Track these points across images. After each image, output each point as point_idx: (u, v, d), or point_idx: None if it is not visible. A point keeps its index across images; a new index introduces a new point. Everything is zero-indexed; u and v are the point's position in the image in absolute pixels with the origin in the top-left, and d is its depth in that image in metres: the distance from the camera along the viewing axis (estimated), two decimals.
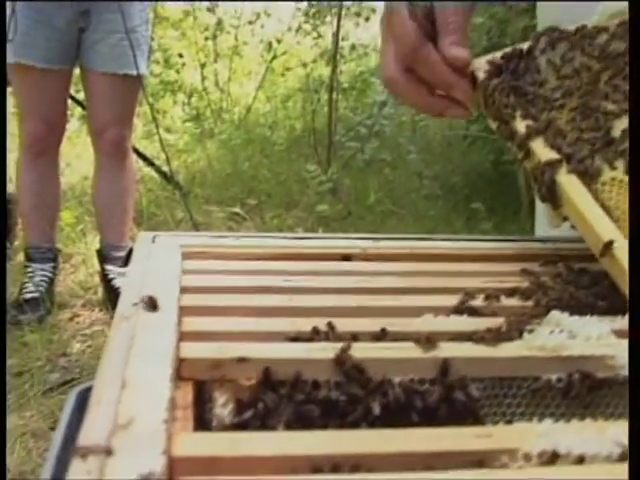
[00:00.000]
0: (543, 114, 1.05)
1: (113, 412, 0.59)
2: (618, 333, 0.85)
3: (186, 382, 0.71)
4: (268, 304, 0.87)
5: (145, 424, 0.57)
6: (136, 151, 4.56)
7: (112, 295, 3.61)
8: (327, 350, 0.75)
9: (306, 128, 7.02)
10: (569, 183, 0.99)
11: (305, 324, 0.82)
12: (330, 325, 0.82)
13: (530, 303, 0.93)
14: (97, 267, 4.13)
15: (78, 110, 6.19)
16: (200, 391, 0.73)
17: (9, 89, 3.61)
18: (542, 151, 1.02)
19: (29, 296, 3.68)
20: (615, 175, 0.98)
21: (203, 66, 8.27)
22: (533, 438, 0.62)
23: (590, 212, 0.96)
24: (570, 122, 1.04)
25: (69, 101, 3.90)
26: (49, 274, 3.77)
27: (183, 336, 0.77)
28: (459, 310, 0.89)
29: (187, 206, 4.25)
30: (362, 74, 7.38)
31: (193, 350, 0.74)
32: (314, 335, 0.80)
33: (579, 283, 0.99)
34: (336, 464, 0.58)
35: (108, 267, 3.85)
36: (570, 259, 1.07)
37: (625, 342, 0.82)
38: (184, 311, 0.83)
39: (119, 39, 3.36)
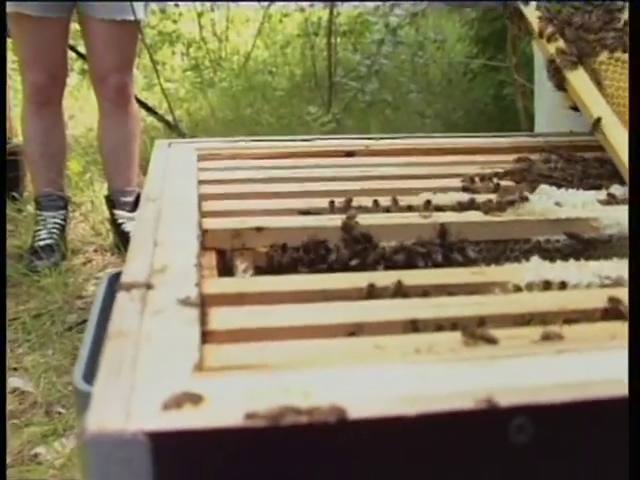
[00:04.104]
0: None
1: (149, 262, 0.67)
2: (602, 202, 0.92)
3: (210, 251, 0.79)
4: (281, 189, 0.95)
5: (178, 267, 0.65)
6: (138, 101, 4.57)
7: (123, 239, 3.67)
8: (335, 220, 0.83)
9: (306, 73, 7.00)
10: (571, 69, 1.08)
11: (316, 203, 0.89)
12: (347, 200, 0.89)
13: (523, 183, 1.00)
14: (106, 214, 4.17)
15: (78, 64, 6.18)
16: (223, 260, 0.81)
17: (9, 40, 3.64)
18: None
19: (43, 243, 3.73)
20: (612, 55, 1.06)
21: (200, 15, 8.20)
22: (522, 272, 0.70)
23: (586, 92, 1.04)
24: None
25: (69, 53, 3.92)
26: (61, 221, 3.83)
27: (205, 214, 0.85)
28: (456, 189, 0.97)
29: None
30: (360, 15, 7.32)
31: (215, 223, 0.82)
32: (325, 210, 0.87)
33: (567, 165, 1.06)
34: (355, 296, 0.67)
35: (117, 212, 3.90)
36: (560, 149, 1.14)
37: (609, 208, 0.90)
38: (203, 197, 0.91)
39: None
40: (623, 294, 0.64)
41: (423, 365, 0.51)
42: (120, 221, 3.93)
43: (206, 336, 0.57)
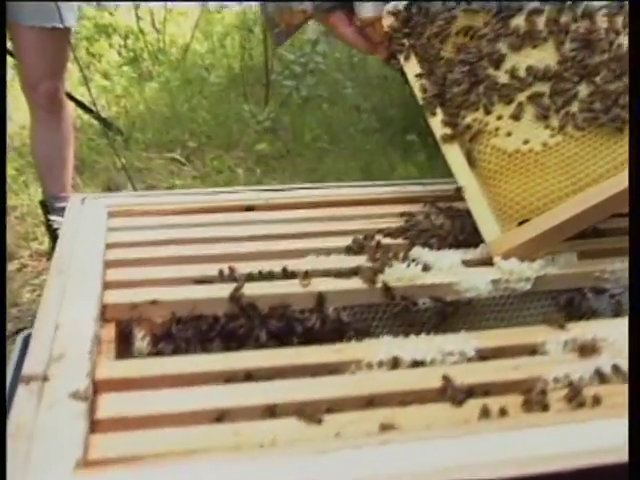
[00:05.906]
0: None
1: (49, 348, 0.76)
2: (467, 263, 1.04)
3: (109, 322, 0.89)
4: (179, 254, 1.05)
5: (73, 356, 0.75)
6: (73, 99, 4.59)
7: None
8: (224, 290, 0.93)
9: (244, 66, 7.05)
10: (445, 141, 1.16)
11: (210, 269, 0.99)
12: (230, 269, 0.99)
13: (400, 241, 1.11)
14: (42, 217, 4.19)
15: (10, 59, 6.11)
16: (122, 329, 0.90)
17: None
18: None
19: None
20: (476, 116, 1.13)
21: (137, 7, 8.16)
22: (375, 350, 0.81)
23: (452, 161, 1.13)
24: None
25: None
26: None
27: (107, 285, 0.95)
28: (339, 250, 1.08)
29: (118, 155, 4.29)
30: None
31: (115, 295, 0.92)
32: (217, 278, 0.98)
33: (445, 220, 1.16)
34: (228, 378, 0.77)
35: (52, 217, 3.92)
36: (442, 199, 1.24)
37: (472, 270, 1.02)
38: (108, 264, 1.00)
39: None
40: (456, 372, 0.77)
41: (264, 458, 0.62)
42: (55, 226, 3.93)
43: (94, 425, 0.67)
